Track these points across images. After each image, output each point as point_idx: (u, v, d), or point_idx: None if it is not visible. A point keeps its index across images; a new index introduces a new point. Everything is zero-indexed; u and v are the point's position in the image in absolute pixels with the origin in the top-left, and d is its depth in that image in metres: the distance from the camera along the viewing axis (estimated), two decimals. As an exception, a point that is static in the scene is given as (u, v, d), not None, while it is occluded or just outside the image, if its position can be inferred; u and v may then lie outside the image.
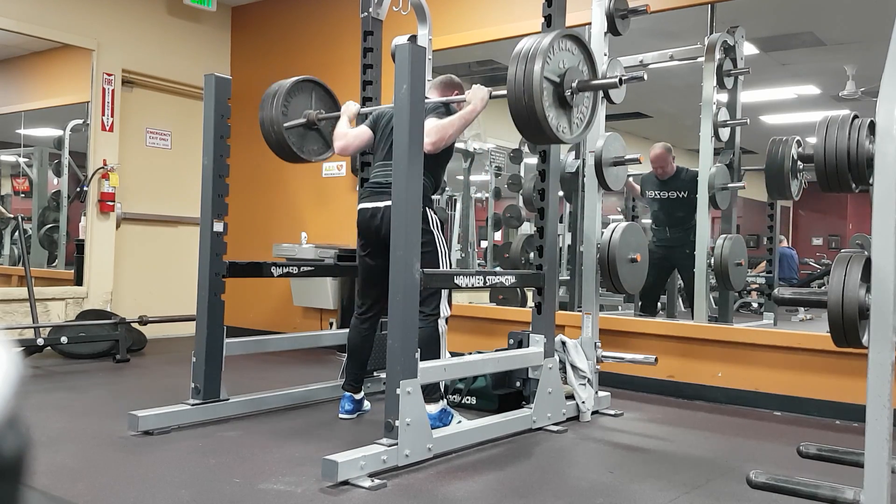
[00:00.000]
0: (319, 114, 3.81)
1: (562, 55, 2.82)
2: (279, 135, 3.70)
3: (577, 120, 2.93)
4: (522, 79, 2.69)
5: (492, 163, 6.88)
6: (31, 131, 6.37)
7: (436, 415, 3.07)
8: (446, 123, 3.11)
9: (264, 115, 3.72)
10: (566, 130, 2.86)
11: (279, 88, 3.74)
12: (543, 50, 2.68)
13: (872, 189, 1.83)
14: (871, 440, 1.81)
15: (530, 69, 2.67)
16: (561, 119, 2.83)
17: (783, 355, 3.92)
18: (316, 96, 3.89)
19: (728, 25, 4.69)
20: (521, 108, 2.72)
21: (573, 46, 2.89)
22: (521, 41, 2.79)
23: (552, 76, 2.77)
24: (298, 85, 3.81)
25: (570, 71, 2.83)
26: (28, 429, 0.46)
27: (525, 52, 2.72)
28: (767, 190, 4.48)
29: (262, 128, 3.74)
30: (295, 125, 3.74)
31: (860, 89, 5.98)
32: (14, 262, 5.96)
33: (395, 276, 2.67)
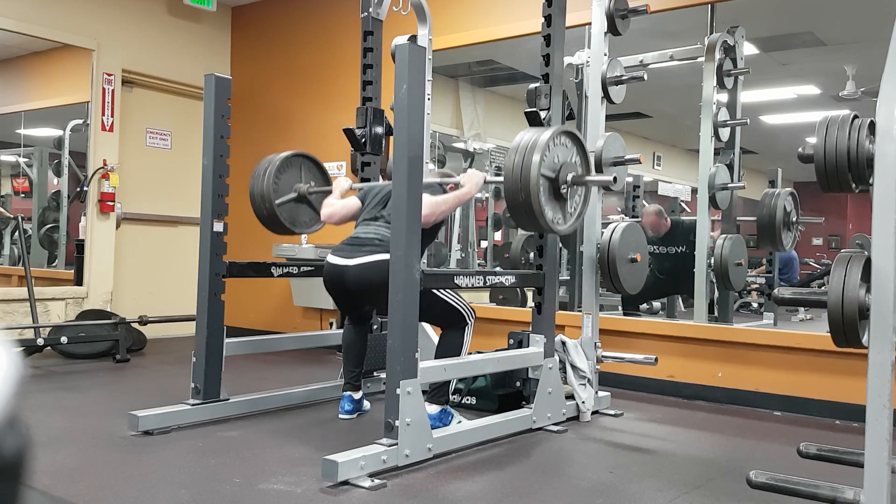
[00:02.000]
0: (310, 187, 3.87)
1: (557, 150, 2.89)
2: (270, 210, 3.75)
3: (571, 210, 3.01)
4: (520, 173, 2.76)
5: (492, 163, 6.87)
6: (31, 131, 6.37)
7: (436, 415, 3.07)
8: (440, 200, 3.12)
9: (255, 189, 3.77)
10: (560, 221, 2.96)
11: (269, 164, 3.79)
12: (542, 146, 2.75)
13: (872, 189, 1.83)
14: (871, 440, 1.81)
15: (528, 164, 2.75)
16: (556, 212, 2.93)
17: (783, 355, 3.92)
18: (305, 169, 3.95)
19: (728, 25, 4.69)
20: (517, 202, 2.81)
21: (567, 141, 2.97)
22: (520, 135, 2.86)
23: (548, 172, 2.84)
24: (288, 160, 3.86)
25: (565, 166, 2.89)
26: (28, 429, 0.46)
27: (523, 146, 2.79)
28: (759, 240, 4.57)
29: (253, 202, 3.79)
30: (286, 200, 3.80)
31: (860, 89, 5.98)
32: (14, 262, 5.96)
33: (395, 276, 2.67)
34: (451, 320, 3.21)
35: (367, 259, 3.07)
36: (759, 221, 4.45)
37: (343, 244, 3.24)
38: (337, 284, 3.21)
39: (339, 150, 5.68)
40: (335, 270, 3.17)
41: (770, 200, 4.40)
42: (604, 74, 3.74)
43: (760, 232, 4.46)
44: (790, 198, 4.45)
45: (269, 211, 3.75)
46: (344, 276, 3.13)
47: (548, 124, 3.35)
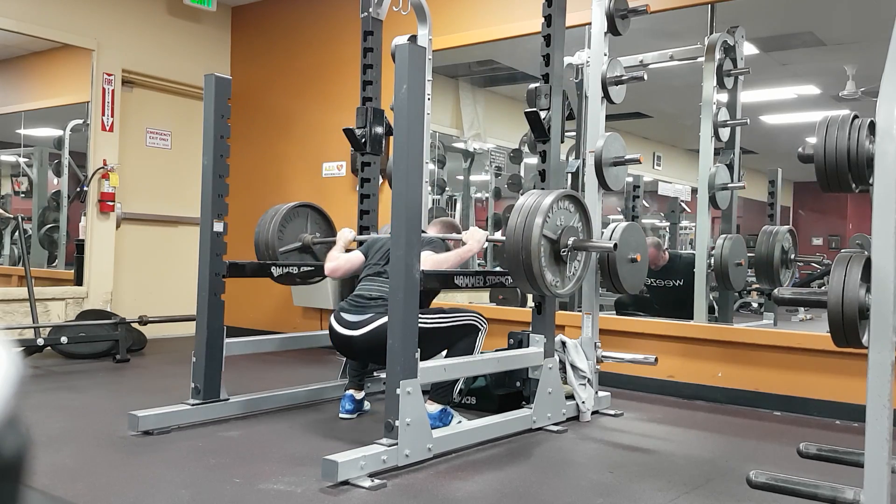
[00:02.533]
0: (314, 237, 3.92)
1: (560, 213, 2.90)
2: (274, 259, 3.80)
3: (570, 274, 3.01)
4: (521, 234, 2.78)
5: (492, 163, 6.88)
6: (31, 131, 6.37)
7: (436, 415, 3.07)
8: (442, 259, 3.14)
9: (260, 238, 3.81)
10: (559, 285, 2.98)
11: (276, 213, 3.84)
12: (545, 209, 2.76)
13: (872, 189, 1.83)
14: (871, 440, 1.81)
15: (530, 225, 2.76)
16: (555, 275, 2.96)
17: (783, 355, 3.92)
18: (311, 220, 4.00)
19: (728, 25, 4.69)
20: (517, 262, 2.82)
21: (570, 205, 2.99)
22: (523, 197, 2.88)
23: (550, 234, 2.86)
24: (295, 210, 3.91)
25: (566, 230, 2.91)
26: (28, 429, 0.46)
27: (526, 209, 2.80)
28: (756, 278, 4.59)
29: (257, 250, 3.82)
30: (290, 249, 3.84)
31: (860, 89, 5.98)
32: (14, 262, 5.96)
33: (395, 276, 2.67)
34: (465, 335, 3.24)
35: (372, 327, 3.07)
36: (756, 260, 4.49)
37: (348, 303, 3.23)
38: (345, 351, 3.32)
39: (339, 150, 5.69)
40: (342, 339, 3.20)
41: (768, 239, 4.44)
42: (604, 74, 3.74)
43: (758, 270, 4.51)
44: (788, 235, 4.46)
45: (273, 259, 3.81)
46: (352, 346, 3.19)
47: (548, 125, 3.35)
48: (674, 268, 5.15)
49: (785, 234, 4.46)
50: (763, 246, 4.45)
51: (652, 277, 5.20)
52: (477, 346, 3.26)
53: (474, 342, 3.25)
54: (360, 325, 3.11)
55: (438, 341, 3.15)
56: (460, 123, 6.38)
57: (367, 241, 3.57)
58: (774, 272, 4.41)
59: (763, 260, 4.45)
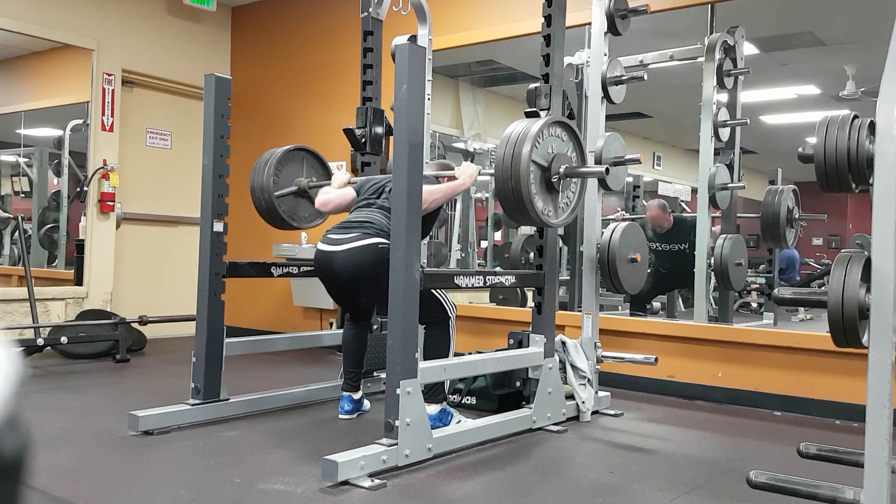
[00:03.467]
0: (310, 181, 3.85)
1: (551, 141, 2.87)
2: (269, 202, 3.74)
3: (564, 204, 2.98)
4: (510, 161, 2.73)
5: (491, 163, 6.87)
6: (31, 131, 6.37)
7: (436, 415, 3.07)
8: (433, 189, 3.12)
9: (255, 182, 3.76)
10: (552, 214, 2.92)
11: (270, 157, 3.78)
12: (532, 135, 2.73)
13: (872, 189, 1.83)
14: (871, 440, 1.81)
15: (518, 152, 2.71)
16: (547, 203, 2.88)
17: (783, 355, 3.91)
18: (307, 164, 3.94)
19: (728, 25, 4.69)
20: (507, 191, 2.77)
21: (563, 133, 2.95)
22: (512, 125, 2.83)
23: (540, 160, 2.81)
24: (290, 154, 3.85)
25: (558, 157, 2.87)
26: (28, 429, 0.46)
27: (514, 136, 2.76)
28: (762, 237, 4.57)
29: (253, 195, 3.78)
30: (285, 193, 3.78)
31: (860, 89, 5.98)
32: (14, 262, 5.96)
33: (395, 276, 2.67)
34: (433, 313, 3.18)
35: (355, 244, 3.04)
36: (762, 219, 4.46)
37: (333, 228, 3.21)
38: (326, 272, 3.18)
39: (339, 150, 5.68)
40: (324, 258, 3.14)
41: (773, 198, 4.42)
42: (604, 74, 3.74)
43: (764, 229, 4.48)
44: (792, 195, 4.45)
45: (268, 203, 3.73)
46: (332, 263, 3.10)
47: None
48: (678, 231, 5.16)
49: (789, 192, 4.44)
50: (769, 205, 4.42)
51: (657, 241, 5.21)
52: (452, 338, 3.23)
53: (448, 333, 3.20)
54: (344, 241, 3.07)
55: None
56: (460, 123, 6.38)
57: (361, 180, 3.52)
58: (780, 231, 4.40)
59: (769, 218, 4.42)
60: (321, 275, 3.24)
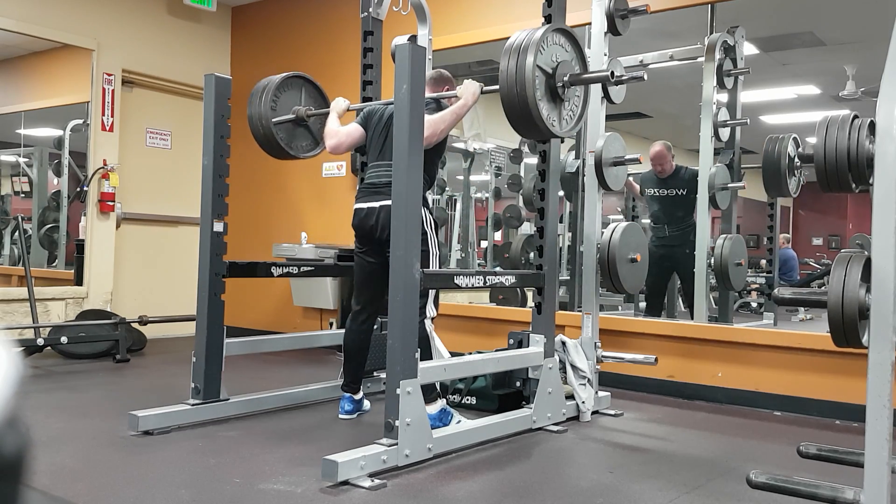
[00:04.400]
0: (309, 110, 3.78)
1: (554, 49, 2.83)
2: (267, 129, 3.68)
3: (568, 115, 2.94)
4: (515, 69, 2.69)
5: (492, 163, 6.88)
6: (31, 131, 6.37)
7: (436, 415, 3.07)
8: (437, 119, 3.11)
9: (253, 110, 3.69)
10: (556, 123, 2.86)
11: (268, 84, 3.71)
12: (536, 41, 2.69)
13: (872, 189, 1.83)
14: (871, 440, 1.81)
15: (522, 60, 2.68)
16: (552, 111, 2.83)
17: (783, 355, 3.91)
18: (305, 93, 3.87)
19: (728, 25, 4.69)
20: (512, 99, 2.72)
21: (565, 42, 2.91)
22: (514, 35, 2.80)
23: (545, 66, 2.78)
24: (288, 81, 3.78)
25: (562, 64, 2.83)
26: (28, 429, 0.46)
27: (518, 45, 2.72)
28: (765, 188, 4.45)
29: (251, 122, 3.71)
30: (284, 121, 3.72)
31: (860, 89, 5.98)
32: (14, 262, 5.96)
33: (395, 276, 2.67)
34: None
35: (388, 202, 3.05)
36: (764, 167, 4.33)
37: (364, 190, 3.33)
38: (364, 227, 3.30)
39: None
40: (366, 212, 3.26)
41: (774, 146, 4.28)
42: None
43: (766, 178, 4.34)
44: (793, 142, 4.35)
45: (266, 130, 3.68)
46: (375, 217, 3.23)
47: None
48: (678, 177, 5.12)
49: (790, 139, 4.31)
50: (770, 153, 4.30)
51: (656, 187, 5.18)
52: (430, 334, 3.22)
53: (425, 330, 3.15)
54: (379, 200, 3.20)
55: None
56: (460, 123, 6.37)
57: (364, 111, 3.49)
58: (782, 179, 4.29)
59: (771, 167, 4.31)
60: (361, 229, 3.34)
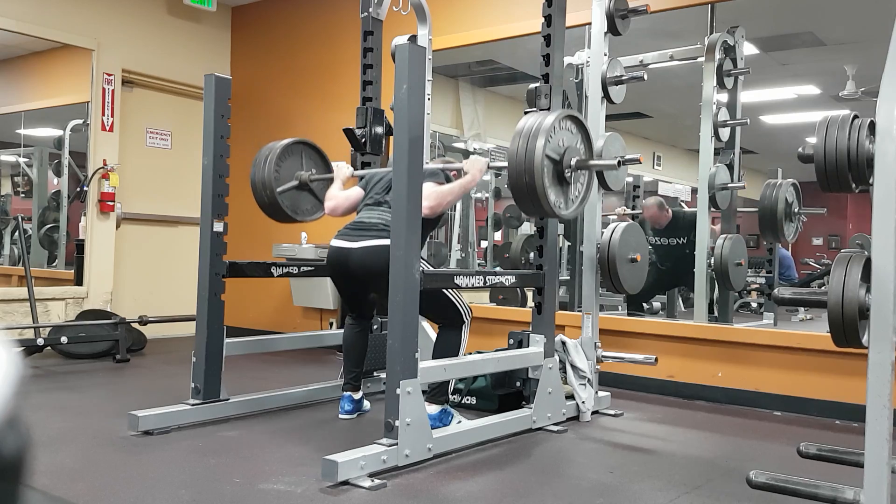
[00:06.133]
0: (311, 175, 3.86)
1: (562, 134, 2.87)
2: (272, 197, 3.74)
3: (574, 196, 2.99)
4: (524, 155, 2.74)
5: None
6: (31, 131, 6.37)
7: (436, 415, 3.07)
8: (445, 191, 3.13)
9: (256, 177, 3.76)
10: (563, 206, 2.94)
11: (270, 151, 3.78)
12: (546, 128, 2.74)
13: (872, 189, 1.83)
14: (871, 440, 1.81)
15: (532, 146, 2.73)
16: (559, 196, 2.91)
17: (783, 355, 3.91)
18: (306, 156, 3.94)
19: (728, 25, 4.69)
20: (521, 185, 2.78)
21: (572, 126, 2.97)
22: (524, 119, 2.84)
23: (553, 154, 2.83)
24: (289, 148, 3.85)
25: (569, 150, 2.88)
26: (28, 429, 0.46)
27: (528, 130, 2.77)
28: (760, 231, 4.57)
29: (254, 190, 3.78)
30: (287, 188, 3.79)
31: (860, 89, 5.97)
32: (14, 262, 5.96)
33: (395, 276, 2.67)
34: (450, 317, 3.20)
35: (371, 243, 3.09)
36: (760, 212, 4.43)
37: (347, 228, 3.26)
38: (341, 268, 3.23)
39: (339, 150, 5.67)
40: (339, 254, 3.19)
41: (771, 192, 4.39)
42: (604, 74, 3.74)
43: (762, 223, 4.44)
44: (792, 189, 4.43)
45: (271, 198, 3.74)
46: (348, 260, 3.16)
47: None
48: (677, 226, 5.16)
49: (788, 186, 4.41)
50: (767, 198, 4.40)
51: (655, 236, 5.21)
52: (463, 341, 3.24)
53: (460, 336, 3.21)
54: (360, 239, 3.14)
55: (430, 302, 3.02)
56: (460, 123, 6.38)
57: (366, 176, 3.53)
58: (779, 224, 4.38)
59: (767, 212, 4.40)
60: (335, 270, 3.29)
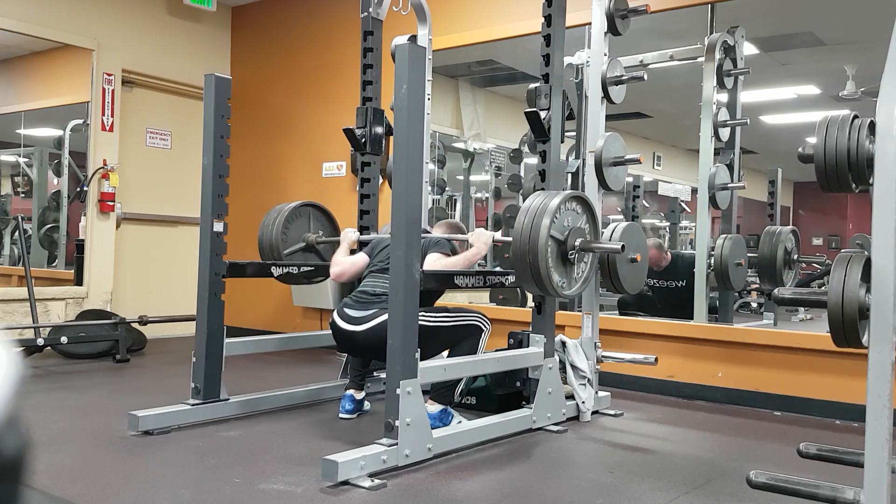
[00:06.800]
0: (318, 237, 3.94)
1: (567, 214, 2.89)
2: (279, 259, 3.81)
3: (577, 276, 3.00)
4: (528, 235, 2.75)
5: (492, 163, 6.88)
6: (31, 131, 6.37)
7: (436, 415, 3.07)
8: (450, 263, 3.15)
9: (264, 239, 3.83)
10: (565, 286, 2.96)
11: (279, 214, 3.86)
12: (552, 210, 2.76)
13: (872, 189, 1.83)
14: (871, 440, 1.81)
15: (537, 227, 2.74)
16: (562, 276, 2.93)
17: (783, 355, 3.92)
18: (314, 218, 4.02)
19: (728, 25, 4.69)
20: (524, 264, 2.80)
21: (577, 206, 2.98)
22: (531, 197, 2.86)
23: (557, 235, 2.85)
24: (297, 210, 3.94)
25: (573, 231, 2.89)
26: (28, 429, 0.46)
27: (533, 210, 2.79)
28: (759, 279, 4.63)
29: (261, 251, 3.84)
30: (294, 250, 3.87)
31: (860, 89, 5.97)
32: (14, 262, 5.96)
33: (395, 276, 2.67)
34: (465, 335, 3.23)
35: (375, 322, 3.05)
36: (759, 260, 4.52)
37: (351, 299, 3.24)
38: (347, 347, 3.29)
39: (339, 150, 5.69)
40: (344, 335, 3.18)
41: (771, 240, 4.47)
42: (604, 74, 3.74)
43: (761, 271, 4.54)
44: (791, 236, 4.48)
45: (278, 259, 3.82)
46: (354, 341, 3.16)
47: (548, 125, 3.35)
48: (676, 268, 5.15)
49: (788, 234, 4.48)
50: (766, 246, 4.47)
51: (654, 278, 5.21)
52: (480, 346, 3.25)
53: (477, 343, 3.25)
54: (364, 320, 3.10)
55: (441, 340, 3.14)
56: (460, 123, 6.38)
57: (372, 241, 3.57)
58: (777, 273, 4.44)
59: (766, 261, 4.47)
60: (342, 348, 3.36)
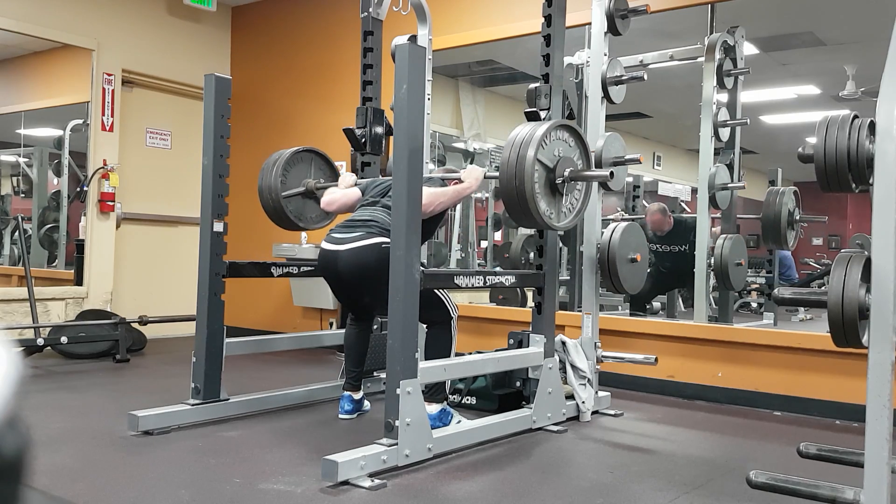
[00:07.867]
0: (318, 182, 3.88)
1: (557, 144, 2.87)
2: (276, 202, 3.77)
3: (567, 208, 2.97)
4: (515, 161, 2.73)
5: (492, 163, 6.87)
6: (31, 131, 6.36)
7: (436, 415, 3.07)
8: (439, 192, 3.11)
9: (263, 183, 3.79)
10: (554, 217, 2.92)
11: (279, 157, 3.82)
12: (538, 136, 2.74)
13: (872, 189, 1.83)
14: (871, 440, 1.81)
15: (524, 153, 2.72)
16: (550, 205, 2.89)
17: (783, 355, 3.91)
18: (315, 166, 3.98)
19: (728, 25, 4.69)
20: (510, 190, 2.77)
21: (569, 137, 2.96)
22: (517, 128, 2.82)
23: (546, 161, 2.82)
24: (297, 155, 3.89)
25: (563, 160, 2.87)
26: (28, 429, 0.46)
27: (520, 138, 2.76)
28: (763, 238, 4.65)
29: (261, 196, 3.81)
30: (293, 194, 3.81)
31: (860, 89, 5.97)
32: (14, 262, 5.96)
33: (395, 276, 2.67)
34: (435, 314, 3.19)
35: (359, 244, 3.03)
36: (763, 220, 4.52)
37: (337, 227, 3.20)
38: (330, 271, 3.16)
39: (340, 150, 5.68)
40: (328, 256, 3.13)
41: (774, 199, 4.47)
42: (604, 74, 3.74)
43: (765, 231, 4.55)
44: (793, 196, 4.49)
45: (276, 203, 3.76)
46: (337, 263, 3.09)
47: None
48: (678, 232, 5.19)
49: (790, 194, 4.50)
50: (770, 206, 4.49)
51: (657, 242, 5.24)
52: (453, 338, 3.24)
53: (450, 333, 3.21)
54: (347, 241, 3.06)
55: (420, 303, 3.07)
56: (460, 123, 6.38)
57: (366, 180, 3.55)
58: (781, 233, 4.46)
59: (770, 220, 4.49)
60: (325, 273, 3.23)
